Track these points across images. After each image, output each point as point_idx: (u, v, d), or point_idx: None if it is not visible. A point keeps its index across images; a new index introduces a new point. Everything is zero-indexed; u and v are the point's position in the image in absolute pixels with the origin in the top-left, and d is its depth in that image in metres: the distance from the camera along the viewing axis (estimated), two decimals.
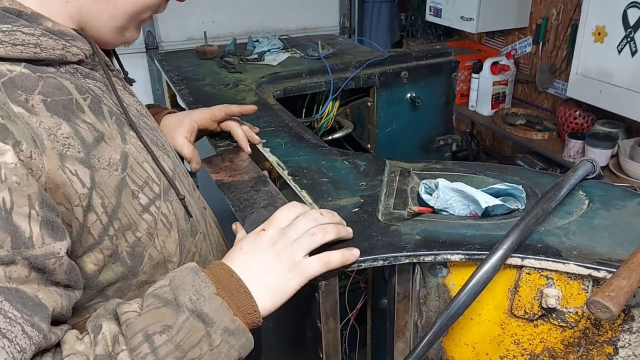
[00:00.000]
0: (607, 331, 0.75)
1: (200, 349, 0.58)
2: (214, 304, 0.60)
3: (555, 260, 0.72)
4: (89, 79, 0.69)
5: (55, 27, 0.63)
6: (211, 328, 0.59)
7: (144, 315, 0.58)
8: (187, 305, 0.59)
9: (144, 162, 0.70)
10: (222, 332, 0.60)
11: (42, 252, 0.53)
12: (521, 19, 3.05)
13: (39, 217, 0.53)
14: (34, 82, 0.59)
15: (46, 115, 0.58)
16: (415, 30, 4.02)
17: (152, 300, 0.60)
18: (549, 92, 2.99)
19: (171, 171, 0.75)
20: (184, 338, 0.57)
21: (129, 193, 0.66)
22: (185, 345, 0.57)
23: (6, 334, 0.50)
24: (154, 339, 0.56)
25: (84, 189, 0.60)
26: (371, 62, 1.69)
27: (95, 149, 0.62)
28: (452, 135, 1.87)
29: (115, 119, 0.68)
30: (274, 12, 3.31)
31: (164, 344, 0.56)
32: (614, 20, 2.21)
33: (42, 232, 0.53)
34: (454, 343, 0.84)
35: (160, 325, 0.57)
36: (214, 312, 0.60)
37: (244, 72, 1.72)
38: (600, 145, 2.39)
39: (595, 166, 0.93)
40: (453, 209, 0.86)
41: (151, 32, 3.02)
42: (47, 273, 0.54)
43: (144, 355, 0.56)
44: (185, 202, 0.75)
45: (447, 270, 0.80)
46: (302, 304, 0.82)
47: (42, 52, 0.61)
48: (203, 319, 0.59)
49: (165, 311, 0.58)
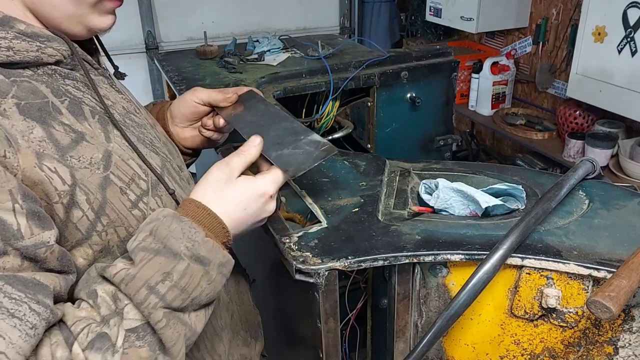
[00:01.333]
0: (607, 331, 0.75)
1: (201, 286, 0.64)
2: (208, 246, 0.65)
3: (556, 260, 0.72)
4: (69, 79, 0.69)
5: (28, 30, 0.63)
6: (208, 267, 0.65)
7: (140, 270, 0.61)
8: (184, 252, 0.63)
9: (129, 160, 0.70)
10: (217, 266, 0.66)
11: (32, 243, 0.54)
12: (521, 19, 3.05)
13: (23, 209, 0.54)
14: (7, 87, 0.60)
15: (18, 119, 0.59)
16: (415, 30, 4.02)
17: (142, 254, 0.62)
18: (549, 92, 2.99)
19: (159, 167, 0.76)
20: (188, 282, 0.62)
21: (117, 190, 0.67)
22: (189, 287, 0.62)
23: (15, 313, 0.51)
24: (158, 288, 0.60)
25: (65, 186, 0.61)
26: (371, 62, 1.69)
27: (73, 150, 0.63)
28: (452, 135, 1.87)
29: (98, 118, 0.69)
30: (274, 12, 3.31)
31: (169, 289, 0.61)
32: (614, 20, 2.20)
33: (30, 224, 0.54)
34: (454, 343, 0.84)
35: (159, 274, 0.61)
36: (209, 253, 0.65)
37: (244, 72, 1.72)
38: (600, 145, 2.38)
39: (595, 166, 0.93)
40: (453, 209, 0.86)
41: (151, 32, 3.02)
42: (39, 262, 0.56)
43: (154, 305, 0.59)
44: (176, 196, 0.76)
45: (447, 270, 0.80)
46: (302, 304, 0.82)
47: (16, 55, 0.61)
48: (201, 261, 0.64)
49: (159, 260, 0.62)
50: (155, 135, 0.84)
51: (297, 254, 0.76)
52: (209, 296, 0.65)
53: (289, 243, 0.79)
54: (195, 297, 0.63)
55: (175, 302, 0.61)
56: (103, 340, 0.56)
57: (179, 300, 0.61)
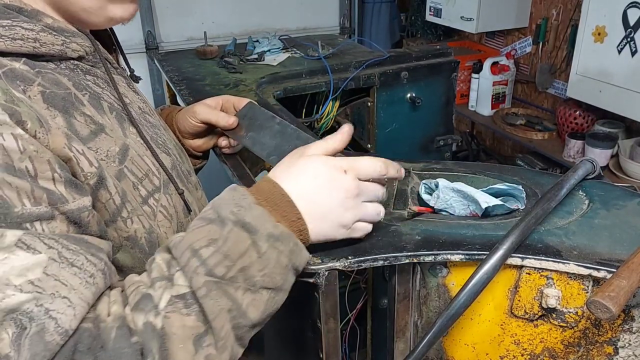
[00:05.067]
0: (607, 331, 0.75)
1: (250, 257, 0.59)
2: (255, 213, 0.61)
3: (556, 260, 0.72)
4: (90, 75, 0.70)
5: (55, 24, 0.65)
6: (255, 235, 0.60)
7: (189, 234, 0.60)
8: (229, 217, 0.60)
9: (144, 156, 0.71)
10: (267, 237, 0.60)
11: (76, 207, 0.57)
12: (521, 19, 3.05)
13: (62, 178, 0.56)
14: (33, 76, 0.61)
15: (42, 107, 0.60)
16: (415, 31, 4.02)
17: (197, 222, 0.62)
18: (549, 92, 2.99)
19: (170, 168, 0.77)
20: (231, 247, 0.58)
21: (130, 184, 0.68)
22: (233, 254, 0.58)
23: (74, 262, 0.53)
24: (201, 252, 0.58)
25: (92, 167, 0.62)
26: (371, 62, 1.69)
27: (91, 142, 0.64)
28: (452, 135, 1.87)
29: (115, 115, 0.70)
30: (274, 12, 3.31)
31: (212, 255, 0.58)
32: (614, 20, 2.21)
33: (69, 190, 0.57)
34: (454, 343, 0.84)
35: (206, 239, 0.59)
36: (256, 220, 0.60)
37: (244, 72, 1.72)
38: (600, 145, 2.39)
39: (595, 166, 0.93)
40: (453, 209, 0.86)
41: (151, 32, 3.02)
42: (83, 226, 0.58)
43: (195, 268, 0.57)
44: (185, 197, 0.76)
45: (447, 270, 0.80)
46: (302, 304, 0.82)
47: (42, 47, 0.63)
48: (247, 228, 0.60)
49: (210, 227, 0.60)
50: (167, 138, 0.85)
51: None
52: (265, 275, 0.60)
53: None
54: (243, 268, 0.58)
55: (218, 268, 0.57)
56: (146, 301, 0.56)
57: (222, 268, 0.57)
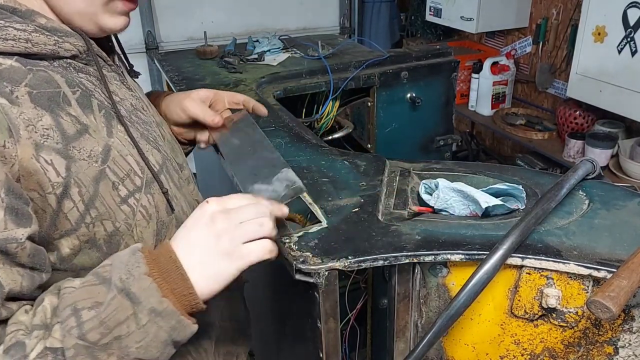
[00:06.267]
0: (607, 331, 0.75)
1: (128, 327, 0.58)
2: (143, 284, 0.59)
3: (556, 260, 0.72)
4: (82, 73, 0.72)
5: (48, 24, 0.66)
6: (138, 307, 0.58)
7: (78, 290, 0.60)
8: (116, 284, 0.59)
9: (127, 156, 0.72)
10: (149, 312, 0.59)
11: (3, 237, 0.56)
12: (521, 19, 3.05)
13: (3, 203, 0.56)
14: (23, 74, 0.63)
15: (29, 107, 0.61)
16: (415, 30, 4.02)
17: (91, 277, 0.61)
18: (549, 92, 2.99)
19: (158, 165, 0.77)
20: (110, 315, 0.57)
21: (109, 184, 0.68)
22: (110, 322, 0.57)
23: None
24: (82, 313, 0.57)
25: (59, 177, 0.63)
26: (371, 62, 1.69)
27: (76, 141, 0.65)
28: (452, 135, 1.87)
29: (104, 113, 0.71)
30: (274, 12, 3.31)
31: (90, 319, 0.57)
32: (614, 20, 2.20)
33: (6, 218, 0.57)
34: (454, 343, 0.84)
35: (91, 301, 0.58)
36: (142, 292, 0.59)
37: (244, 72, 1.73)
38: (600, 145, 2.38)
39: (595, 166, 0.93)
40: (453, 209, 0.86)
41: (151, 32, 3.02)
42: (9, 255, 0.57)
43: (70, 328, 0.57)
44: (169, 196, 0.77)
45: (447, 270, 0.80)
46: (302, 304, 0.82)
47: (34, 47, 0.64)
48: (131, 297, 0.58)
49: (100, 289, 0.59)
50: (160, 134, 0.85)
51: (297, 254, 0.76)
52: (140, 347, 0.58)
53: (289, 243, 0.79)
54: (119, 337, 0.57)
55: (91, 334, 0.56)
56: (18, 348, 0.56)
57: (96, 334, 0.56)
